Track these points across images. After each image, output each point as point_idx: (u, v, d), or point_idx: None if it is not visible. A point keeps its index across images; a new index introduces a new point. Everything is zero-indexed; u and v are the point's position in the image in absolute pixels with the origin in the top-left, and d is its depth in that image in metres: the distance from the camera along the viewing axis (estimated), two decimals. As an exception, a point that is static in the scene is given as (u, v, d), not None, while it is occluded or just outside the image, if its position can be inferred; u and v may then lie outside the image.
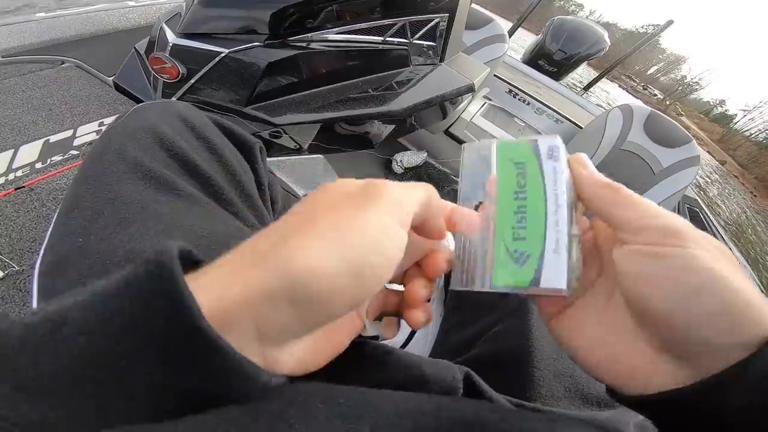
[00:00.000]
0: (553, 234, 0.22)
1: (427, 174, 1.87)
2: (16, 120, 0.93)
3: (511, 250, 0.22)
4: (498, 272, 0.22)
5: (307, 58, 0.93)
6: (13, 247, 0.71)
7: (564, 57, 2.61)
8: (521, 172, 0.24)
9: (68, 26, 1.16)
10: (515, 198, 0.23)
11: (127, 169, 0.31)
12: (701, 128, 56.99)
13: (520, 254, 0.22)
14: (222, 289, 0.17)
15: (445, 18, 1.05)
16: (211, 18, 0.87)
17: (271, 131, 0.97)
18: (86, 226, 0.28)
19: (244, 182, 0.39)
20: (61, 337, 0.15)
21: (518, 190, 0.23)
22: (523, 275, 0.22)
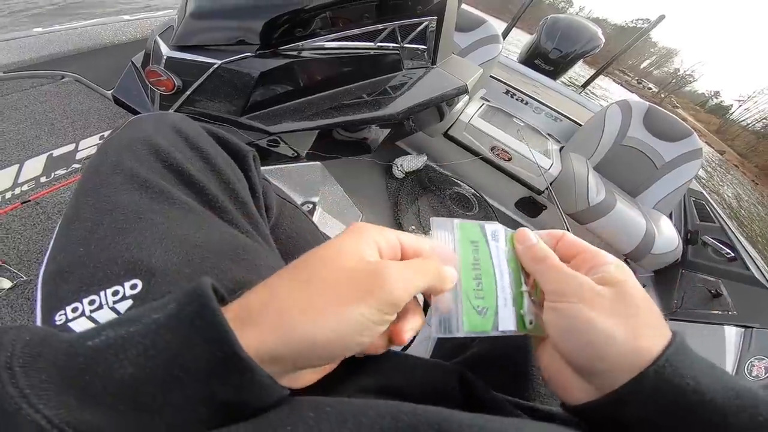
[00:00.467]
0: (501, 294, 0.31)
1: (427, 177, 1.89)
2: (20, 135, 0.95)
3: (475, 306, 0.30)
4: (467, 321, 0.30)
5: (300, 66, 0.94)
6: (21, 258, 0.73)
7: (560, 55, 2.61)
8: (475, 249, 0.32)
9: (66, 41, 1.17)
10: (473, 268, 0.31)
11: (123, 180, 0.32)
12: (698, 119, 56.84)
13: (482, 309, 0.30)
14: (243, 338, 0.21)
15: (434, 21, 1.06)
16: (203, 30, 0.88)
17: (268, 140, 0.99)
18: (86, 237, 0.29)
19: (238, 190, 0.40)
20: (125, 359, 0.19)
21: (474, 262, 0.32)
22: (485, 323, 0.30)
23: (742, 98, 72.88)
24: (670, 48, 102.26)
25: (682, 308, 1.41)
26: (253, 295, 0.24)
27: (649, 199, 1.84)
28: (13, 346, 0.18)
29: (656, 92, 64.36)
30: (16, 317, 0.66)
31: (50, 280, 0.29)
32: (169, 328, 0.20)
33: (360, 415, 0.22)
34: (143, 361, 0.19)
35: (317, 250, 0.26)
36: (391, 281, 0.24)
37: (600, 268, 0.30)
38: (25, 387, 0.17)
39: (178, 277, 0.29)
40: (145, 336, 0.19)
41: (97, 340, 0.19)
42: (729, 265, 1.49)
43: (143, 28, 1.34)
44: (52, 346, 0.19)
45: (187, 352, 0.19)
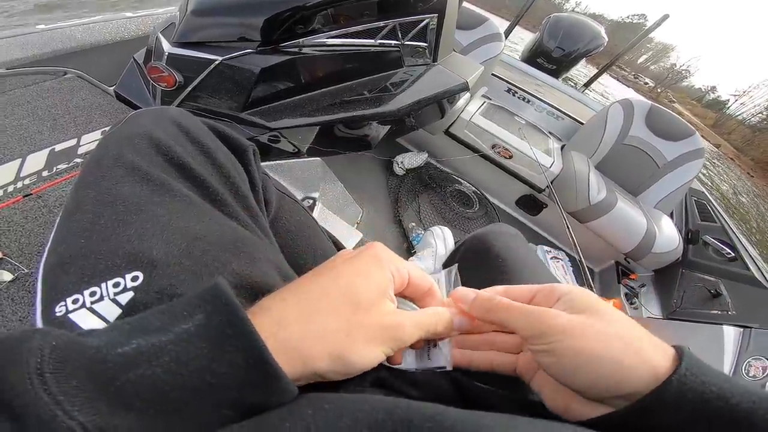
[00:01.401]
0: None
1: (428, 174, 1.89)
2: (23, 130, 0.96)
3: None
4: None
5: (300, 63, 0.94)
6: (22, 251, 0.73)
7: (562, 54, 2.60)
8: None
9: (68, 38, 1.18)
10: None
11: (124, 173, 0.32)
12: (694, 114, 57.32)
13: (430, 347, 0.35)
14: None
15: (435, 18, 1.07)
16: (204, 26, 0.89)
17: (269, 136, 0.99)
18: (88, 228, 0.29)
19: (238, 184, 0.40)
20: (158, 367, 0.19)
21: None
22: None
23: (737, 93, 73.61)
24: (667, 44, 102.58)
25: (682, 308, 1.41)
26: (273, 311, 0.25)
27: (651, 198, 1.84)
28: (41, 351, 0.18)
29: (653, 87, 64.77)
30: (17, 309, 0.66)
31: (51, 272, 0.29)
32: (200, 337, 0.21)
33: (356, 411, 0.23)
34: (176, 368, 0.20)
35: (339, 275, 0.28)
36: (409, 331, 0.28)
37: (563, 298, 0.31)
38: (57, 393, 0.17)
39: (179, 269, 0.29)
40: (178, 344, 0.20)
41: (127, 348, 0.20)
42: (729, 265, 1.49)
43: (145, 24, 1.35)
44: (79, 351, 0.19)
45: (220, 359, 0.20)
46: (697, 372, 0.24)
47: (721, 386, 0.24)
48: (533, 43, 2.77)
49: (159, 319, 0.21)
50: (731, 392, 0.23)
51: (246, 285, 0.32)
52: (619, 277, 1.73)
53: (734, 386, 0.24)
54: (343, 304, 0.26)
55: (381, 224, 1.55)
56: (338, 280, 0.27)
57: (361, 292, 0.27)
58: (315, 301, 0.26)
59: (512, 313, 0.30)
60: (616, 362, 0.25)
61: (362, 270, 0.28)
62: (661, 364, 0.25)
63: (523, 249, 0.58)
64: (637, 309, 1.56)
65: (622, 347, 0.26)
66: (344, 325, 0.26)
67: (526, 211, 1.96)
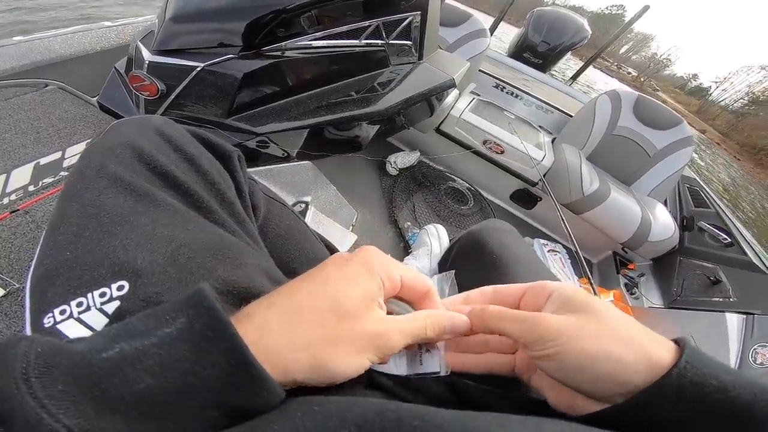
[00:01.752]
0: None
1: (421, 173, 1.89)
2: (6, 144, 0.94)
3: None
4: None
5: (285, 66, 0.93)
6: (12, 266, 0.73)
7: (548, 48, 2.63)
8: None
9: (47, 49, 1.16)
10: None
11: (108, 184, 0.32)
12: (678, 101, 59.17)
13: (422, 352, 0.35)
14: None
15: (418, 15, 1.06)
16: (184, 33, 0.87)
17: (257, 141, 0.98)
18: (72, 240, 0.29)
19: (224, 191, 0.40)
20: (142, 370, 0.20)
21: None
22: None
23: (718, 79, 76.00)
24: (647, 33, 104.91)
25: (682, 296, 1.41)
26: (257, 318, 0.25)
27: (643, 187, 1.85)
28: (26, 357, 0.19)
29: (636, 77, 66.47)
30: (10, 324, 0.66)
31: (38, 284, 0.29)
32: (183, 340, 0.21)
33: (346, 411, 0.23)
34: (160, 371, 0.20)
35: (327, 282, 0.27)
36: (395, 338, 0.28)
37: (554, 294, 0.31)
38: (43, 397, 0.18)
39: (164, 277, 0.29)
40: (161, 348, 0.20)
41: (111, 352, 0.20)
42: (726, 250, 1.50)
43: (125, 33, 1.33)
44: (65, 356, 0.19)
45: (202, 361, 0.21)
46: (698, 364, 0.24)
47: (721, 378, 0.24)
48: (518, 38, 2.79)
49: (143, 324, 0.22)
50: (732, 384, 0.23)
51: (233, 291, 0.32)
52: (617, 267, 1.73)
53: (735, 378, 0.24)
54: (327, 312, 0.26)
55: (376, 225, 1.54)
56: (325, 287, 0.27)
57: (347, 300, 0.26)
58: (300, 308, 0.26)
59: (506, 322, 0.30)
60: (618, 361, 0.26)
61: (351, 276, 0.28)
62: (663, 357, 0.25)
63: (517, 244, 0.58)
64: (637, 299, 1.56)
65: (623, 345, 0.26)
66: (327, 334, 0.25)
67: (520, 206, 1.97)
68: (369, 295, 0.28)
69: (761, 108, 56.46)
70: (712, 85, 76.40)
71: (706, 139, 26.00)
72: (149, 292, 0.28)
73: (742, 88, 67.70)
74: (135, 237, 0.30)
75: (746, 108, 58.17)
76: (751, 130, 45.61)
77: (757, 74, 69.07)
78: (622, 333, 0.27)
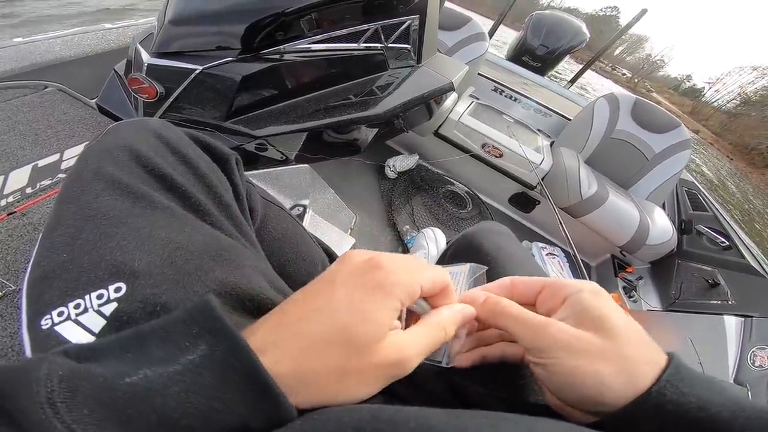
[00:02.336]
0: None
1: (420, 177, 1.89)
2: (4, 146, 0.94)
3: None
4: None
5: (283, 69, 0.93)
6: (8, 268, 0.73)
7: (546, 52, 2.63)
8: None
9: (47, 50, 1.16)
10: None
11: (105, 186, 0.32)
12: (672, 102, 60.02)
13: None
14: None
15: (417, 19, 1.06)
16: (183, 36, 0.87)
17: (256, 144, 0.98)
18: (69, 242, 0.29)
19: (221, 194, 0.40)
20: (168, 396, 0.20)
21: None
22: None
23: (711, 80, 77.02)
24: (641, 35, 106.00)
25: (681, 299, 1.41)
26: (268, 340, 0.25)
27: (642, 190, 1.86)
28: (50, 380, 0.19)
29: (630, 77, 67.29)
30: (6, 325, 0.66)
31: (35, 286, 0.29)
32: (206, 367, 0.21)
33: (343, 416, 0.23)
34: (185, 397, 0.20)
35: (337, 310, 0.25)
36: (414, 362, 0.27)
37: (572, 299, 0.30)
38: (71, 422, 0.18)
39: (162, 278, 0.29)
40: (185, 375, 0.21)
41: (135, 378, 0.20)
42: (724, 253, 1.50)
43: (125, 35, 1.34)
44: (86, 380, 0.20)
45: (226, 388, 0.21)
46: (679, 383, 0.25)
47: (701, 396, 0.25)
48: (517, 41, 2.80)
49: (162, 349, 0.22)
50: (712, 402, 0.24)
51: (230, 292, 0.32)
52: (615, 270, 1.74)
53: (717, 396, 0.25)
54: (337, 346, 0.25)
55: (375, 229, 1.54)
56: (335, 316, 0.25)
57: (358, 335, 0.25)
58: (309, 339, 0.25)
59: (518, 323, 0.30)
60: (608, 386, 0.26)
61: (365, 308, 0.25)
62: (647, 376, 0.26)
63: (512, 246, 0.58)
64: (636, 302, 1.56)
65: (620, 371, 0.26)
66: (336, 371, 0.25)
67: (519, 209, 1.97)
68: (385, 324, 0.26)
69: (753, 108, 57.41)
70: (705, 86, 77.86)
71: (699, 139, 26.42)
72: (147, 293, 0.28)
73: (734, 89, 69.07)
74: (132, 239, 0.30)
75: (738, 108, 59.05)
76: (743, 130, 46.45)
77: (749, 75, 70.22)
78: (623, 355, 0.27)
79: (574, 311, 0.30)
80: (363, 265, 0.27)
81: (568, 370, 0.27)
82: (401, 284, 0.27)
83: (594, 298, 0.30)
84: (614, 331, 0.28)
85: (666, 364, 0.27)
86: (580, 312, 0.29)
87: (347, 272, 0.27)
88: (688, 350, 1.14)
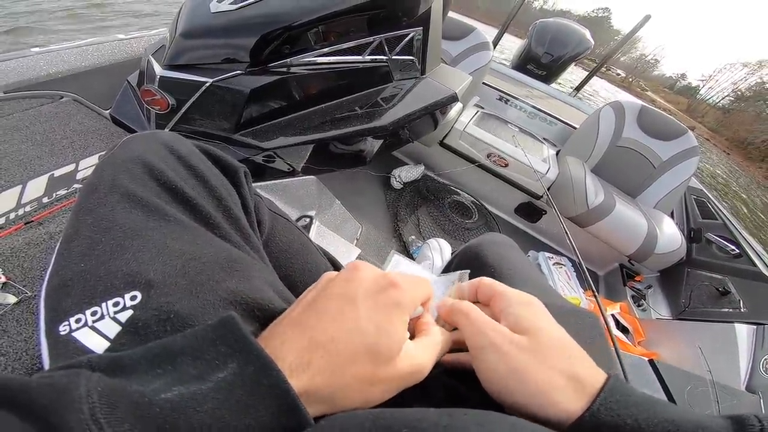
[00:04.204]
0: None
1: (426, 187, 1.90)
2: (22, 156, 0.96)
3: None
4: None
5: (290, 82, 0.95)
6: (25, 275, 0.74)
7: (551, 60, 2.63)
8: None
9: (62, 61, 1.18)
10: None
11: (120, 199, 0.33)
12: (667, 101, 60.27)
13: None
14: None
15: (420, 31, 1.08)
16: (194, 48, 0.89)
17: (263, 156, 1.00)
18: (86, 253, 0.31)
19: (230, 206, 0.41)
20: (203, 413, 0.21)
21: None
22: None
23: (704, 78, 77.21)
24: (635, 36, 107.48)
25: (690, 307, 1.39)
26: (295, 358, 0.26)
27: (649, 199, 1.84)
28: (90, 396, 0.19)
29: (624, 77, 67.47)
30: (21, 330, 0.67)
31: (53, 294, 0.30)
32: (237, 385, 0.23)
33: (345, 422, 0.25)
34: (219, 413, 0.21)
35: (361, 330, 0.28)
36: (426, 371, 0.30)
37: (507, 310, 0.33)
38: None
39: (175, 288, 0.30)
40: (218, 393, 0.22)
41: (170, 395, 0.21)
42: (734, 261, 1.48)
43: (138, 46, 1.36)
44: (123, 395, 0.20)
45: (257, 405, 0.23)
46: (614, 406, 0.27)
47: (637, 417, 0.26)
48: (522, 49, 2.81)
49: (193, 367, 0.23)
50: (647, 422, 0.25)
51: (241, 302, 0.32)
52: (624, 279, 1.72)
53: (653, 416, 0.26)
54: (366, 362, 0.27)
55: (381, 239, 1.54)
56: (365, 337, 0.28)
57: (383, 351, 0.28)
58: (342, 358, 0.27)
59: (465, 319, 0.33)
60: (541, 391, 0.28)
61: (386, 325, 0.28)
62: (581, 398, 0.28)
63: (515, 256, 0.58)
64: (645, 311, 1.54)
65: (551, 376, 0.28)
66: (364, 382, 0.27)
67: (525, 219, 1.96)
68: (403, 339, 0.29)
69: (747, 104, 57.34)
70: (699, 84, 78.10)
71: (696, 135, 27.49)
72: (161, 302, 0.29)
73: (727, 86, 69.27)
74: (147, 250, 0.31)
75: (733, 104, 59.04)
76: (738, 125, 46.47)
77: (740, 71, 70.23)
78: (556, 363, 0.29)
79: (512, 321, 0.32)
80: (379, 283, 0.30)
81: (506, 370, 0.29)
82: (413, 301, 0.31)
83: (528, 311, 0.33)
84: (543, 339, 0.30)
85: (601, 386, 0.28)
86: (516, 321, 0.32)
87: (365, 290, 0.30)
88: (697, 359, 1.13)
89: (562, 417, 0.27)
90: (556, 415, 0.27)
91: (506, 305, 0.34)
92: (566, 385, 0.29)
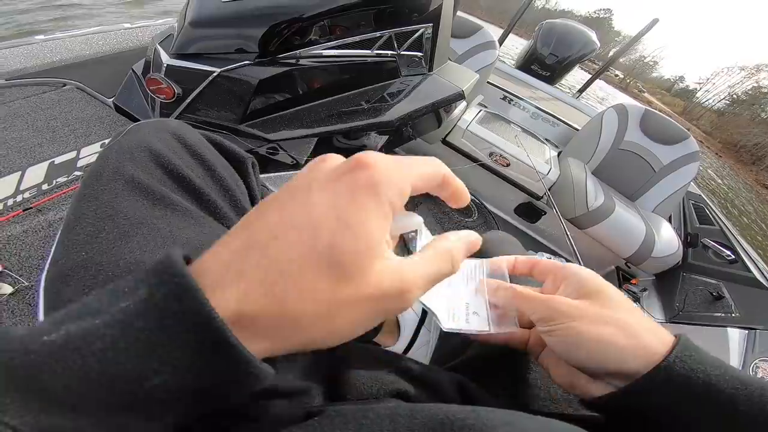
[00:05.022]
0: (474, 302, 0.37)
1: (428, 184, 1.88)
2: (23, 142, 0.95)
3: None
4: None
5: (298, 74, 0.95)
6: (22, 264, 0.74)
7: (556, 60, 2.62)
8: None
9: (67, 49, 1.18)
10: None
11: (124, 186, 0.32)
12: (664, 103, 61.10)
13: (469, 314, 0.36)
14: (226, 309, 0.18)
15: (430, 28, 1.08)
16: (202, 38, 0.89)
17: (267, 147, 0.99)
18: (88, 241, 0.30)
19: (237, 196, 0.41)
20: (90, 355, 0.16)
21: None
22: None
23: (701, 81, 78.11)
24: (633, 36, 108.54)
25: (684, 311, 1.41)
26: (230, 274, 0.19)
27: (648, 202, 1.85)
28: None
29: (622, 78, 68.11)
30: (17, 322, 0.67)
31: (52, 284, 0.29)
32: (140, 315, 0.16)
33: (361, 418, 0.23)
34: (112, 356, 0.16)
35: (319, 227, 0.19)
36: (413, 295, 0.21)
37: (570, 280, 0.34)
38: None
39: None
40: (112, 326, 0.16)
41: (54, 335, 0.16)
42: (730, 267, 1.49)
43: (143, 36, 1.35)
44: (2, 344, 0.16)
45: (164, 341, 0.16)
46: (688, 360, 0.27)
47: (708, 373, 0.27)
48: (527, 50, 2.80)
49: (98, 300, 0.17)
50: (717, 379, 0.26)
51: None
52: (620, 282, 1.73)
53: (723, 373, 0.27)
54: (321, 272, 0.18)
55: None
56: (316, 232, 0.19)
57: (347, 254, 0.19)
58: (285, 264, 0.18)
59: (528, 301, 0.34)
60: (612, 344, 0.29)
61: (350, 216, 0.19)
62: (658, 351, 0.28)
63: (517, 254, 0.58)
64: (639, 314, 1.55)
65: (620, 331, 0.29)
66: (323, 304, 0.19)
67: (525, 219, 1.96)
68: (376, 238, 0.20)
69: (742, 107, 58.19)
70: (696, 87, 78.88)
71: None
72: None
73: (723, 89, 70.12)
74: (151, 239, 0.30)
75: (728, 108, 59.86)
76: (733, 128, 47.22)
77: (737, 75, 70.88)
78: (620, 320, 0.30)
79: (574, 287, 0.33)
80: (345, 165, 0.21)
81: (573, 332, 0.30)
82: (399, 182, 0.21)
83: (590, 276, 0.34)
84: (613, 302, 0.31)
85: (675, 341, 0.29)
86: (578, 287, 0.33)
87: (326, 174, 0.21)
88: None
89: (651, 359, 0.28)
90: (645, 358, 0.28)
91: (568, 273, 0.35)
92: (649, 329, 0.30)
